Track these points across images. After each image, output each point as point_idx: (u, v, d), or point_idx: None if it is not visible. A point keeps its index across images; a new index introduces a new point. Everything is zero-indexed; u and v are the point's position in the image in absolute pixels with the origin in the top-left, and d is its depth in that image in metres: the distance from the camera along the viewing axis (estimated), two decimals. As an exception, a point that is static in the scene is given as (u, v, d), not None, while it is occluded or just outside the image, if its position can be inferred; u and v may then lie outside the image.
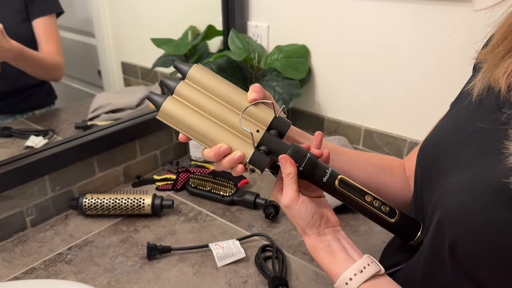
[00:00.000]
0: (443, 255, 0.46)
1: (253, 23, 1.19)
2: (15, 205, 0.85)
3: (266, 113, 0.54)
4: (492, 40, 0.52)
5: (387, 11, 0.95)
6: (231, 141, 0.53)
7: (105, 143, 0.96)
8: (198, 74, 0.56)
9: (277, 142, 0.54)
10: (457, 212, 0.44)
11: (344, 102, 1.10)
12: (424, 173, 0.56)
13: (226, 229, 0.88)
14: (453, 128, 0.54)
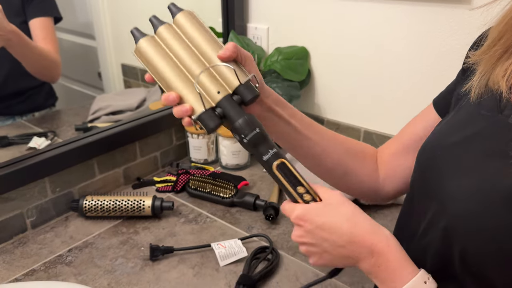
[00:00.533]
0: (452, 260, 0.46)
1: (252, 25, 1.19)
2: (16, 207, 0.85)
3: (235, 77, 0.54)
4: (487, 40, 0.51)
5: (385, 13, 0.96)
6: (188, 93, 0.53)
7: (105, 145, 0.97)
8: (185, 20, 0.56)
9: (233, 108, 0.53)
10: (468, 219, 0.44)
11: (343, 103, 1.10)
12: (422, 176, 0.55)
13: (226, 230, 0.88)
14: (451, 131, 0.53)
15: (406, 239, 0.56)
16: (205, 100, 0.53)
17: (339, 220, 0.50)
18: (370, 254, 0.49)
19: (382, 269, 0.48)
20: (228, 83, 0.54)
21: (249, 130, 0.52)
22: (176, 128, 1.13)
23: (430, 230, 0.50)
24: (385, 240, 0.49)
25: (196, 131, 1.09)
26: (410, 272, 0.47)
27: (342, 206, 0.51)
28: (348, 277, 0.75)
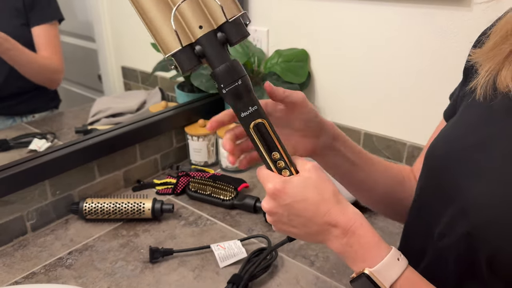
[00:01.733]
0: (478, 264, 0.46)
1: (252, 28, 1.19)
2: (16, 210, 0.85)
3: (220, 12, 0.46)
4: (491, 37, 0.51)
5: (385, 16, 0.96)
6: (164, 23, 0.46)
7: (105, 147, 0.97)
8: None
9: (215, 48, 0.46)
10: (494, 224, 0.43)
11: (343, 105, 1.10)
12: (433, 180, 0.54)
13: (226, 233, 0.88)
14: (463, 133, 0.52)
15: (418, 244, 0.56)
16: (183, 34, 0.46)
17: (316, 198, 0.48)
18: (343, 234, 0.48)
19: (354, 249, 0.48)
20: (214, 17, 0.46)
21: (229, 80, 0.46)
22: (176, 130, 1.13)
23: (449, 234, 0.49)
24: (359, 219, 0.48)
25: (196, 134, 1.09)
26: (382, 251, 0.47)
27: (321, 184, 0.49)
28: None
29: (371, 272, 0.46)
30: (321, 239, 0.50)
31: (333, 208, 0.48)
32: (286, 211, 0.49)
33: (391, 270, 0.46)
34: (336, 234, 0.48)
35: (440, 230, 0.51)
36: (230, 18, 0.46)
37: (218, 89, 0.48)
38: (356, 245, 0.48)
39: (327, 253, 0.82)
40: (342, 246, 0.48)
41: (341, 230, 0.48)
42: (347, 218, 0.48)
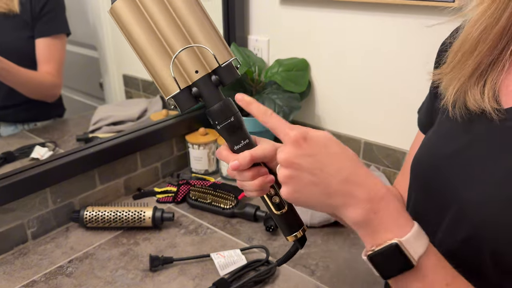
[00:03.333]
0: (483, 263, 0.46)
1: (253, 37, 1.20)
2: (16, 218, 0.85)
3: (213, 58, 0.50)
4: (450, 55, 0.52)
5: (385, 26, 0.97)
6: (163, 68, 0.50)
7: (106, 155, 0.97)
8: None
9: (210, 90, 0.51)
10: (495, 223, 0.44)
11: (344, 114, 1.11)
12: (424, 190, 0.55)
13: (226, 241, 0.88)
14: (445, 141, 0.53)
15: None
16: (181, 78, 0.50)
17: (343, 154, 0.44)
18: (368, 199, 0.43)
19: (380, 216, 0.43)
20: (208, 61, 0.50)
21: (223, 117, 0.50)
22: (177, 139, 1.13)
23: (450, 239, 0.50)
24: (386, 187, 0.45)
25: (197, 142, 1.10)
26: (408, 222, 0.43)
27: (344, 146, 0.46)
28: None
29: (401, 241, 0.42)
30: (341, 203, 0.44)
31: (359, 168, 0.44)
32: (310, 163, 0.43)
33: (419, 242, 0.43)
34: (360, 198, 0.43)
35: (440, 237, 0.52)
36: (223, 63, 0.51)
37: (213, 125, 0.52)
38: (383, 212, 0.43)
39: (327, 262, 0.82)
40: (365, 211, 0.42)
41: (366, 193, 0.43)
42: (374, 181, 0.44)
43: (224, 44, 0.52)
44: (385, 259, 0.43)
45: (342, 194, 0.43)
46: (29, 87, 1.22)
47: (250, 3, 1.18)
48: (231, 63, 0.51)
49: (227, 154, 0.53)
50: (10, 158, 1.13)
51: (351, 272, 0.79)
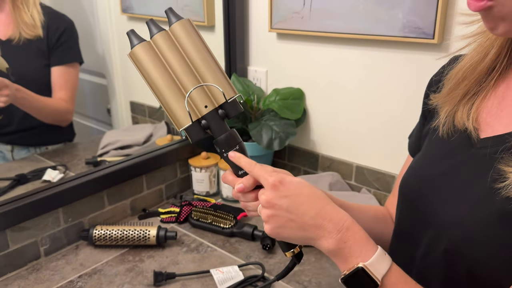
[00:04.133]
0: (460, 277, 0.52)
1: (253, 68, 1.29)
2: (31, 236, 0.92)
3: (221, 94, 0.58)
4: (446, 84, 0.60)
5: (373, 59, 1.05)
6: (177, 104, 0.57)
7: (114, 178, 1.04)
8: (181, 31, 0.58)
9: (217, 122, 0.58)
10: (469, 242, 0.50)
11: (337, 140, 1.18)
12: (409, 209, 0.62)
13: (225, 259, 0.94)
14: (430, 165, 0.60)
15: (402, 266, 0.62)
16: (192, 112, 0.57)
17: (312, 195, 0.54)
18: (337, 230, 0.51)
19: (349, 245, 0.51)
20: (216, 98, 0.58)
21: (229, 146, 0.58)
22: (181, 162, 1.21)
23: (430, 255, 0.56)
24: (350, 217, 0.53)
25: (199, 165, 1.17)
26: (372, 246, 0.52)
27: (313, 187, 0.55)
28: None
29: (365, 265, 0.50)
30: (314, 235, 0.52)
31: (327, 205, 0.53)
32: (286, 203, 0.53)
33: (381, 263, 0.51)
34: (330, 230, 0.51)
35: (422, 252, 0.58)
36: (229, 99, 0.58)
37: (220, 153, 0.59)
38: (351, 240, 0.51)
39: (320, 279, 0.88)
40: (336, 242, 0.51)
41: (334, 225, 0.51)
42: (340, 215, 0.53)
43: (229, 82, 0.60)
44: (355, 281, 0.51)
45: (314, 227, 0.52)
46: (44, 113, 1.30)
47: (250, 37, 1.28)
48: (235, 99, 0.59)
49: (233, 179, 0.60)
50: (23, 180, 1.20)
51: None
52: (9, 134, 1.40)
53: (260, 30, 1.24)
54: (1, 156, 1.43)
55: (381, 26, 0.98)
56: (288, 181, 0.54)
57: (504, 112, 0.55)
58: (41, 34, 1.31)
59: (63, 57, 1.37)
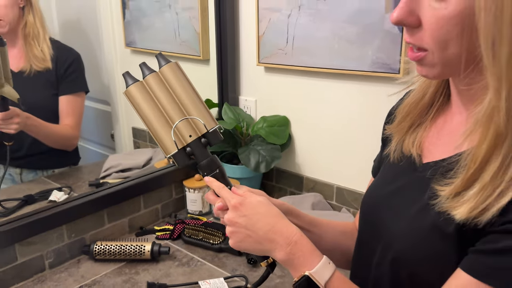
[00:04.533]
0: (403, 281, 0.61)
1: (243, 97, 1.41)
2: (37, 250, 1.01)
3: (203, 125, 0.68)
4: (396, 118, 0.71)
5: (350, 91, 1.16)
6: (165, 134, 0.67)
7: (114, 198, 1.14)
8: (170, 73, 0.68)
9: (200, 149, 0.67)
10: (409, 251, 0.60)
11: (319, 163, 1.28)
12: (367, 223, 0.72)
13: (213, 272, 1.03)
14: (383, 186, 0.70)
15: (363, 270, 0.71)
16: (178, 141, 0.66)
17: (266, 213, 0.64)
18: (287, 244, 0.61)
19: (296, 257, 0.61)
20: (199, 128, 0.68)
21: (210, 170, 0.68)
22: (176, 184, 1.31)
23: (382, 263, 0.65)
24: (299, 233, 0.63)
25: (193, 187, 1.27)
26: (317, 257, 0.61)
27: (269, 205, 0.65)
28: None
29: (311, 273, 0.59)
30: (269, 248, 0.62)
31: (279, 221, 0.64)
32: (244, 221, 0.63)
33: (325, 271, 0.61)
34: (281, 243, 0.61)
35: (377, 261, 0.67)
36: (210, 129, 0.68)
37: (203, 176, 0.69)
38: (299, 252, 0.61)
39: (297, 290, 0.96)
40: (286, 254, 0.61)
41: (285, 239, 0.61)
42: (290, 230, 0.63)
43: (210, 114, 0.70)
44: (303, 286, 0.60)
45: (268, 241, 0.62)
46: (52, 139, 1.41)
47: (240, 70, 1.40)
48: (216, 129, 0.69)
49: (214, 198, 0.70)
50: (31, 200, 1.30)
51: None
52: (19, 159, 1.50)
53: (250, 64, 1.37)
54: (11, 178, 1.53)
55: (354, 62, 1.10)
56: (247, 202, 0.64)
57: (441, 141, 0.66)
58: (50, 66, 1.42)
59: (71, 87, 1.47)
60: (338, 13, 1.10)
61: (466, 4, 0.50)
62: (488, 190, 0.53)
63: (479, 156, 0.53)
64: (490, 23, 0.49)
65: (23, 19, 1.36)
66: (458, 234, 0.56)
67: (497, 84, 0.50)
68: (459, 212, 0.54)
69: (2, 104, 1.17)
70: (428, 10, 0.54)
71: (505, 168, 0.52)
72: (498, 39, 0.49)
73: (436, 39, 0.54)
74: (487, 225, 0.53)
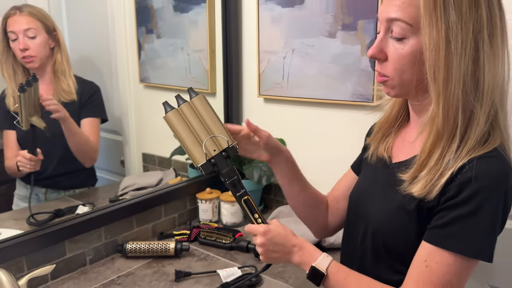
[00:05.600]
0: (381, 251, 0.85)
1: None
2: (81, 247, 1.22)
3: (225, 142, 0.86)
4: (374, 130, 0.97)
5: (335, 117, 1.44)
6: (196, 150, 0.86)
7: (141, 206, 1.36)
8: (198, 103, 0.87)
9: (222, 161, 0.85)
10: (384, 226, 0.84)
11: (311, 177, 1.50)
12: (353, 211, 0.96)
13: (227, 265, 1.25)
14: (367, 180, 0.96)
15: (351, 250, 0.94)
16: (207, 154, 0.86)
17: (285, 234, 0.87)
18: (299, 250, 0.85)
19: (305, 257, 0.85)
20: (221, 144, 0.86)
21: (229, 177, 0.86)
22: (190, 196, 1.54)
23: (365, 239, 0.90)
24: (305, 241, 0.88)
25: (205, 198, 1.50)
26: (318, 253, 0.85)
27: (285, 228, 0.89)
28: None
29: (315, 264, 0.84)
30: (289, 257, 0.86)
31: (293, 238, 0.88)
32: (271, 242, 0.86)
33: (324, 261, 0.85)
34: (296, 251, 0.87)
35: (361, 238, 0.92)
36: (230, 145, 0.87)
37: (223, 182, 0.87)
38: (306, 254, 0.86)
39: (298, 274, 1.19)
40: (300, 257, 0.85)
41: (298, 248, 0.87)
42: (300, 241, 0.87)
43: (229, 134, 0.91)
44: (313, 276, 0.85)
45: (289, 252, 0.87)
46: (81, 142, 1.54)
47: (243, 101, 1.67)
48: (234, 145, 0.87)
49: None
50: (60, 213, 1.49)
51: (313, 280, 1.16)
52: (44, 179, 1.69)
53: (251, 96, 1.64)
54: (36, 198, 1.71)
55: (337, 94, 1.38)
56: (271, 229, 0.87)
57: (404, 147, 0.92)
58: (75, 98, 1.64)
59: (92, 111, 1.64)
60: (324, 56, 1.39)
61: (416, 46, 0.77)
62: (433, 172, 0.77)
63: (426, 148, 0.79)
64: (432, 59, 0.76)
65: (52, 58, 1.56)
66: (417, 211, 0.81)
67: (436, 98, 0.77)
68: (416, 189, 0.79)
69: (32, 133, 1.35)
70: (392, 49, 0.80)
71: (443, 156, 0.77)
72: (437, 69, 0.75)
73: (396, 69, 0.81)
74: (435, 206, 0.78)
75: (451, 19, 0.73)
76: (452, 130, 0.77)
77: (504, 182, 0.77)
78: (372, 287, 0.84)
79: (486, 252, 0.78)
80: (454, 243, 0.76)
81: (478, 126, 0.77)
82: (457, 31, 0.74)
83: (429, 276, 0.78)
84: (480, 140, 0.77)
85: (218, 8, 1.62)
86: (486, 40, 0.75)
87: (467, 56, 0.74)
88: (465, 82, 0.75)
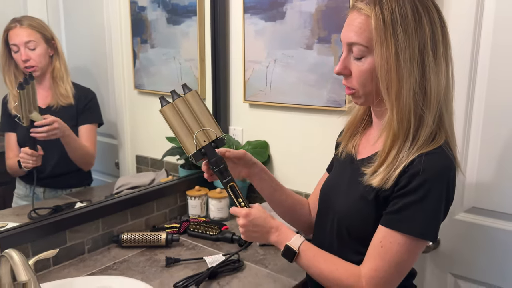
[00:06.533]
0: (345, 236, 0.99)
1: (232, 127, 1.81)
2: (80, 237, 1.34)
3: (214, 134, 1.01)
4: (344, 131, 1.11)
5: (312, 121, 1.58)
6: (188, 140, 1.00)
7: (135, 201, 1.49)
8: (191, 98, 1.00)
9: (211, 150, 1.00)
10: (347, 213, 0.99)
11: (292, 176, 1.67)
12: (323, 201, 1.10)
13: (213, 253, 1.38)
14: (336, 175, 1.10)
15: (321, 235, 1.08)
16: (197, 144, 1.00)
17: (264, 216, 1.02)
18: (276, 231, 1.01)
19: (281, 237, 1.00)
20: (211, 136, 1.01)
21: (217, 165, 1.01)
22: (180, 193, 1.67)
23: (332, 226, 1.03)
24: (281, 223, 1.03)
25: (194, 195, 1.63)
26: (291, 234, 1.00)
27: (264, 211, 1.04)
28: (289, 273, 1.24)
29: (289, 243, 0.99)
30: (267, 237, 1.02)
31: (271, 221, 1.03)
32: (251, 223, 1.02)
33: (297, 241, 0.99)
34: (273, 232, 1.02)
35: (329, 226, 1.06)
36: (218, 137, 1.02)
37: (212, 169, 1.02)
38: (282, 234, 1.01)
39: (277, 261, 1.32)
40: (276, 237, 1.02)
41: (275, 229, 1.02)
42: (277, 224, 1.03)
43: (219, 127, 1.06)
44: (286, 253, 0.99)
45: (267, 233, 1.03)
46: (79, 152, 1.66)
47: (230, 106, 1.81)
48: (222, 137, 1.05)
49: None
50: (59, 209, 1.61)
51: (290, 265, 1.29)
52: (43, 179, 1.79)
53: (238, 101, 1.78)
54: (35, 196, 1.82)
55: (314, 99, 1.53)
56: (252, 212, 1.02)
57: (368, 145, 1.06)
58: (72, 102, 1.73)
59: (89, 118, 1.74)
60: (302, 65, 1.54)
61: (372, 64, 0.91)
62: (390, 166, 0.91)
63: (386, 147, 0.93)
64: (384, 75, 0.90)
65: (51, 65, 1.67)
66: (375, 200, 0.95)
67: (391, 108, 0.91)
68: (375, 181, 0.93)
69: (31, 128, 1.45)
70: (354, 66, 0.95)
71: (399, 154, 0.91)
72: (389, 83, 0.90)
73: (359, 83, 0.95)
74: (390, 194, 0.92)
75: (400, 39, 0.87)
76: (406, 131, 0.91)
77: (447, 175, 0.91)
78: (337, 263, 0.97)
79: (431, 234, 0.92)
80: (405, 226, 0.90)
81: (427, 127, 0.91)
82: (405, 49, 0.87)
83: (384, 254, 0.91)
84: (428, 138, 0.91)
85: (207, 21, 1.77)
86: (430, 54, 0.89)
87: (414, 69, 0.88)
88: (415, 92, 0.89)
